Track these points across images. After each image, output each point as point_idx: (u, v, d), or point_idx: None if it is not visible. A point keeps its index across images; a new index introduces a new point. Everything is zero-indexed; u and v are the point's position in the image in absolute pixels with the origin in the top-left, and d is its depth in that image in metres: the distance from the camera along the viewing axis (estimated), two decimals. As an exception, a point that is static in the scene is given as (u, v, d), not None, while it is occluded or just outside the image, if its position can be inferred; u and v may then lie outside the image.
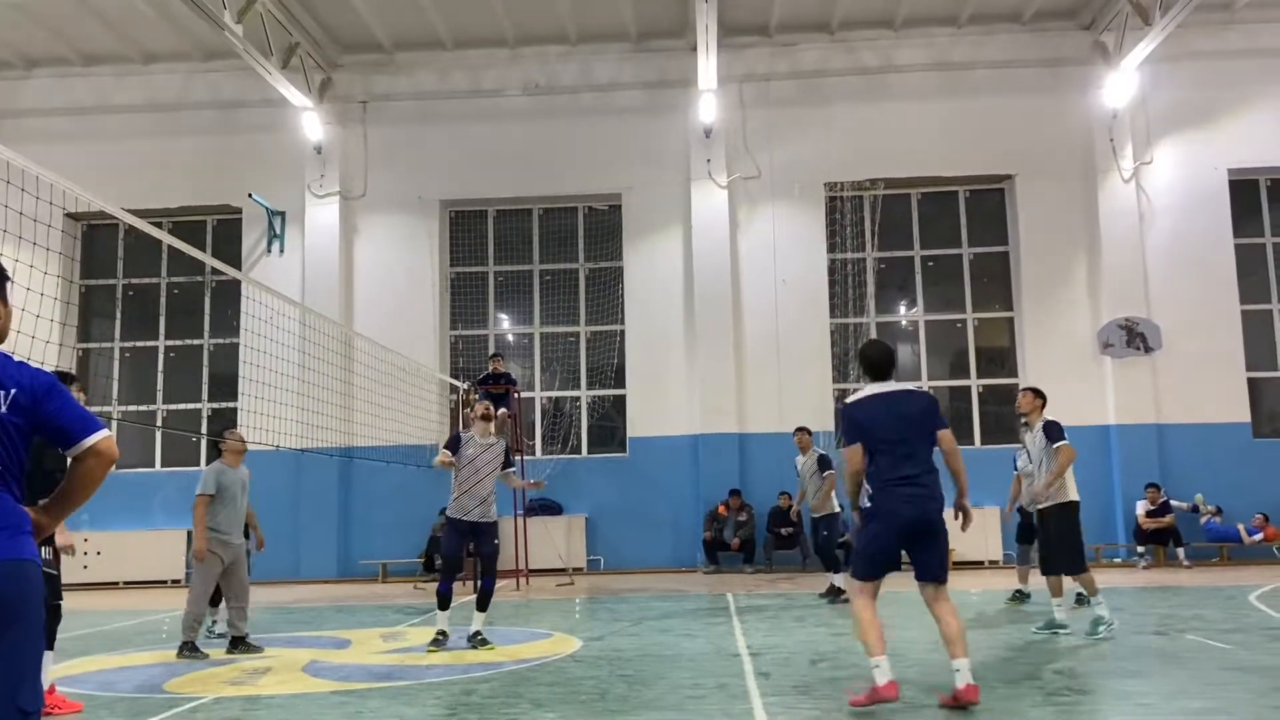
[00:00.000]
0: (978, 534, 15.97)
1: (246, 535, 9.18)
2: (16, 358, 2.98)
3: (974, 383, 17.39)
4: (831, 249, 17.34)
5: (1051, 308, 16.94)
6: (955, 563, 15.65)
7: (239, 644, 8.67)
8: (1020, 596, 10.80)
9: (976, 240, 17.69)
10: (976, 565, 15.83)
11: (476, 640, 8.39)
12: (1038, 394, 8.92)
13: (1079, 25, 17.21)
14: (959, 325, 17.64)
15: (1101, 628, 8.10)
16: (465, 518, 8.42)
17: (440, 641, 8.35)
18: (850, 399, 6.00)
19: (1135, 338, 16.43)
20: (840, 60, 17.45)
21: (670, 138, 17.41)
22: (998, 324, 17.64)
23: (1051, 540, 8.54)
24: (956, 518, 6.10)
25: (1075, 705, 5.73)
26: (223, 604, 9.13)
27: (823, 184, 17.33)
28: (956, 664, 5.55)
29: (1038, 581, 9.94)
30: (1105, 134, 16.79)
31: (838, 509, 11.48)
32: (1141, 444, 16.12)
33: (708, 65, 15.80)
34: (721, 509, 16.11)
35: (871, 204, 17.42)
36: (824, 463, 11.62)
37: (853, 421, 5.82)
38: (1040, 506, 8.56)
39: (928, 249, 17.75)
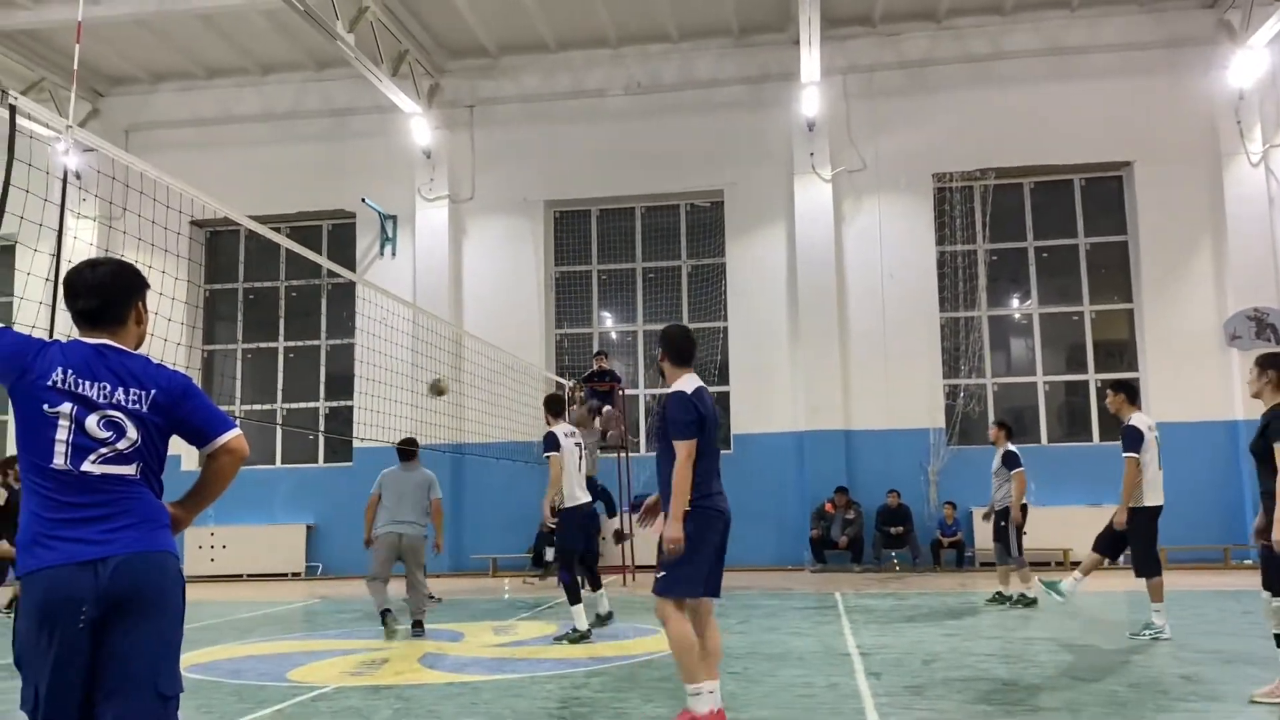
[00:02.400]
0: (1096, 533, 15.49)
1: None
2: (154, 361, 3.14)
3: (1091, 377, 16.81)
4: (940, 241, 16.97)
5: (1174, 298, 16.25)
6: (1074, 563, 15.18)
7: (416, 626, 9.34)
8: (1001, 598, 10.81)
9: (1093, 230, 17.08)
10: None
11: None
12: (1119, 389, 8.73)
13: (1201, 4, 16.45)
14: (1075, 318, 17.07)
15: (1147, 632, 7.98)
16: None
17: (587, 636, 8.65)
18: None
19: (1265, 329, 15.64)
20: (947, 48, 17.05)
21: (773, 132, 17.28)
22: (1116, 316, 17.01)
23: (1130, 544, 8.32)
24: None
25: (1204, 712, 5.50)
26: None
27: (930, 175, 16.97)
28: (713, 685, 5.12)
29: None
30: (1231, 116, 16.02)
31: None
32: (1274, 440, 15.33)
33: (810, 58, 15.62)
34: (828, 506, 15.93)
35: (982, 194, 16.99)
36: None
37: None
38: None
39: (1042, 240, 17.22)
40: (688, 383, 5.38)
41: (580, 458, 9.10)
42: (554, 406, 9.45)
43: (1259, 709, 5.61)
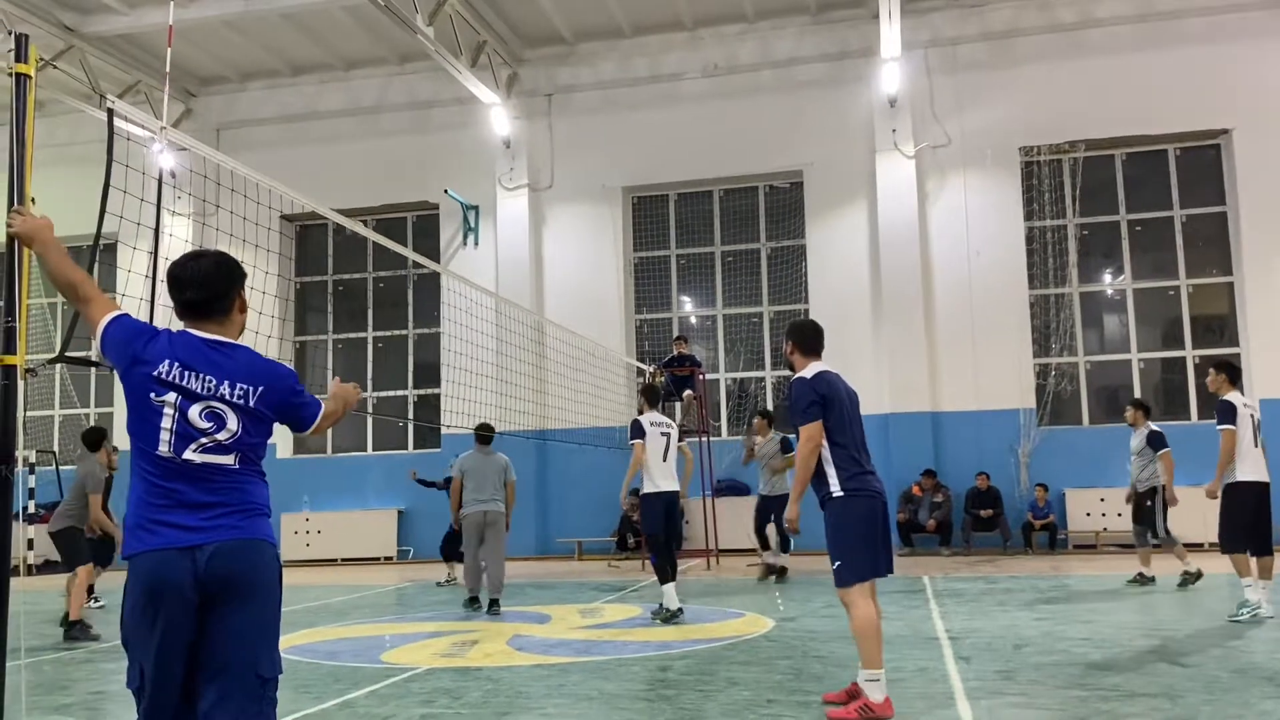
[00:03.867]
0: (1195, 514, 15.02)
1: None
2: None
3: (1189, 353, 16.24)
4: (1029, 217, 16.55)
5: (1277, 270, 15.58)
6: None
7: (492, 605, 9.92)
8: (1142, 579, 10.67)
9: (1189, 201, 16.47)
10: (1196, 547, 14.81)
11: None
12: (1220, 368, 8.66)
13: (1306, -41, 15.71)
14: (1171, 293, 16.50)
15: (1244, 611, 7.87)
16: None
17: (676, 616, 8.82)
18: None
19: (1378, 300, 14.91)
20: (1033, 18, 16.57)
21: (853, 110, 17.02)
22: (1215, 290, 16.40)
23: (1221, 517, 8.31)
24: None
25: (1313, 699, 5.30)
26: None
27: (1017, 149, 16.54)
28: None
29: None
30: (1340, 77, 15.29)
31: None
32: (1388, 416, 14.64)
33: (891, 33, 15.33)
34: (915, 489, 15.71)
35: (1071, 167, 16.50)
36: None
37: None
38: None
39: (1135, 213, 16.67)
40: (810, 369, 5.49)
41: (667, 447, 9.14)
42: (649, 395, 9.65)
43: (1372, 696, 5.39)
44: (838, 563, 5.20)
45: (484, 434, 10.45)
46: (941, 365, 16.26)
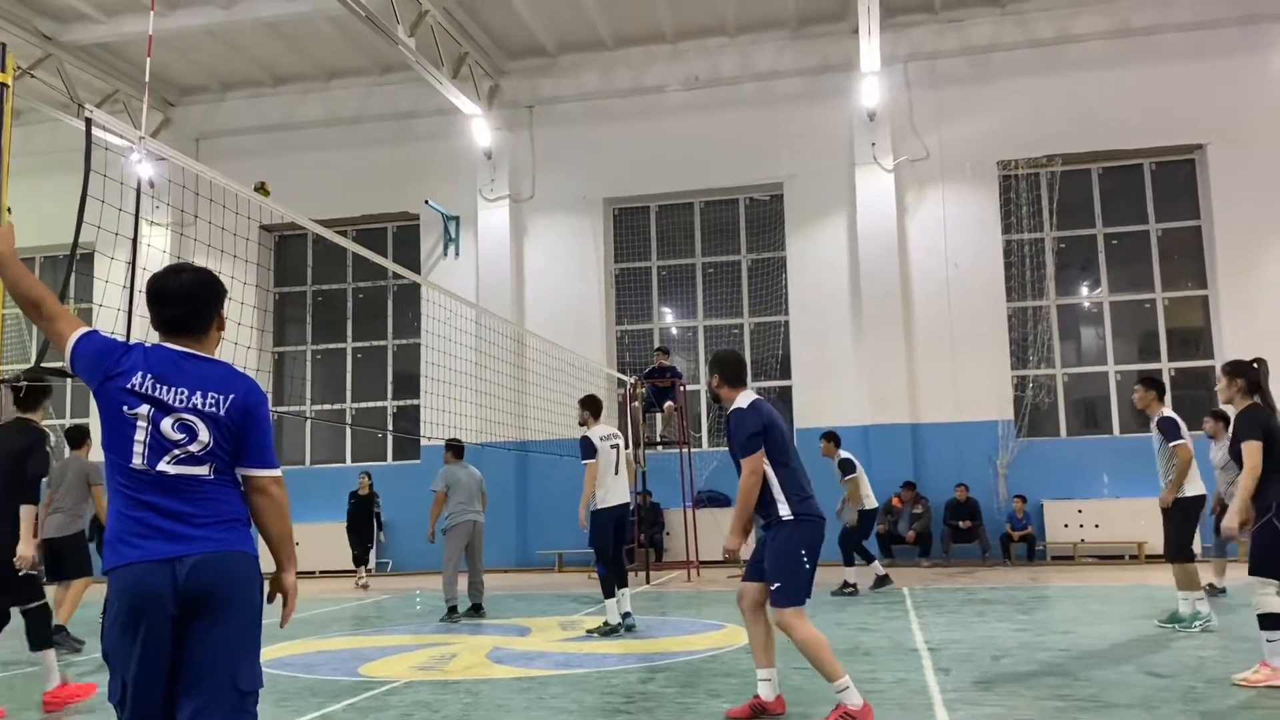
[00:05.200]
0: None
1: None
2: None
3: (1165, 366, 16.39)
4: (1006, 230, 16.68)
5: (1251, 284, 15.75)
6: (1149, 556, 14.84)
7: (476, 610, 10.39)
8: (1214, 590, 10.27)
9: (1165, 215, 16.64)
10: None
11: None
12: (1150, 385, 8.66)
13: (1278, -22, 15.93)
14: (1147, 305, 16.65)
15: (1197, 623, 7.88)
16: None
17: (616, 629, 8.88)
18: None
19: (1350, 313, 15.10)
20: (1012, 33, 16.73)
21: (833, 123, 17.12)
22: (1190, 303, 16.56)
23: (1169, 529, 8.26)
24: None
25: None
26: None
27: (995, 162, 16.68)
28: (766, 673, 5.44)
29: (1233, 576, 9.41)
30: (1311, 93, 15.50)
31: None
32: (1360, 429, 14.80)
33: (870, 47, 15.45)
34: (895, 501, 15.76)
35: (1049, 181, 16.65)
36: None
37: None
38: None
39: (1111, 226, 16.82)
40: (743, 398, 5.57)
41: (618, 459, 9.13)
42: (594, 406, 9.40)
43: (1345, 706, 5.44)
44: (777, 584, 5.23)
45: (460, 446, 10.76)
46: (921, 377, 16.34)
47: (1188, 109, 16.00)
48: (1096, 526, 15.33)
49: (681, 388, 15.36)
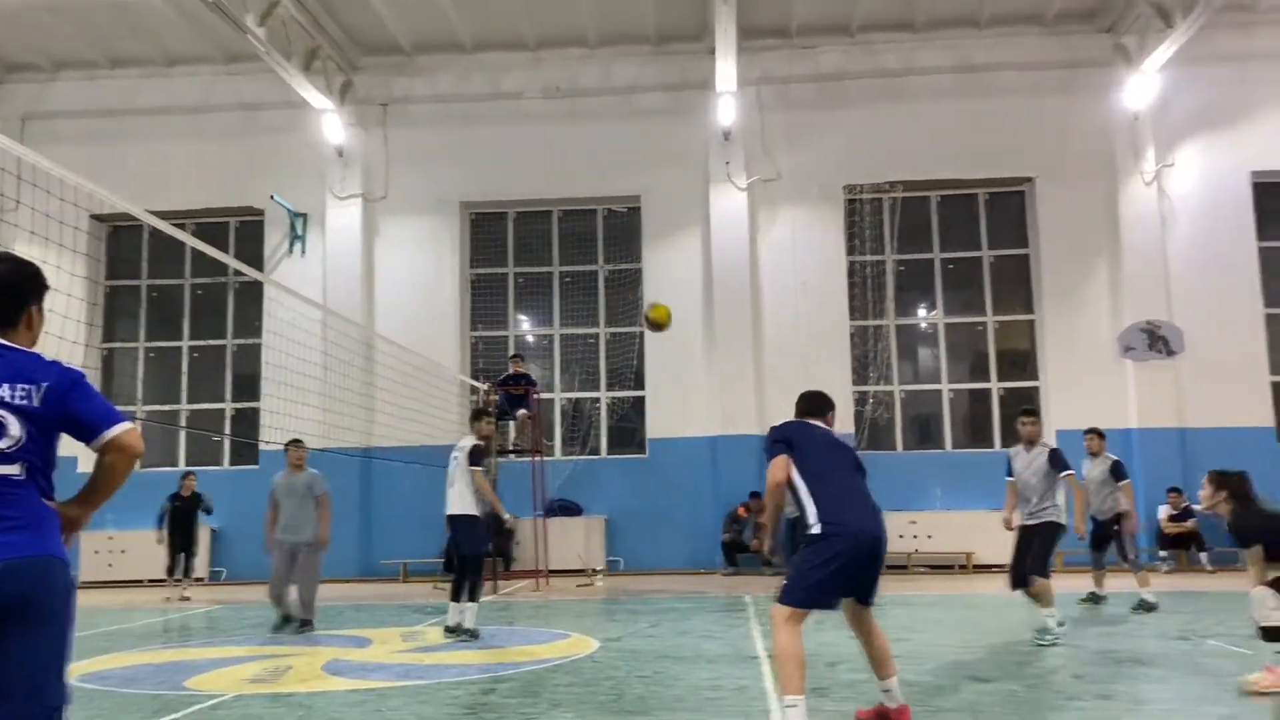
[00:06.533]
0: (998, 537, 15.93)
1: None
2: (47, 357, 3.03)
3: (994, 386, 17.31)
4: (851, 251, 17.31)
5: (1072, 310, 16.84)
6: (976, 566, 15.61)
7: (303, 625, 9.82)
8: (1094, 599, 10.90)
9: (996, 243, 17.62)
10: (998, 569, 15.73)
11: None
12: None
13: (1099, 28, 17.10)
14: (979, 328, 17.57)
15: (1048, 638, 8.05)
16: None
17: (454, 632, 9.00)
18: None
19: (1157, 341, 16.31)
20: (860, 62, 17.40)
21: (689, 140, 17.41)
22: (1018, 327, 17.55)
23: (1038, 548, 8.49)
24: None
25: (1094, 710, 5.71)
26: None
27: (842, 186, 17.30)
28: (887, 684, 5.31)
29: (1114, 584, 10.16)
30: (1127, 136, 16.70)
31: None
32: (1164, 448, 16.00)
33: (726, 68, 15.80)
34: (741, 510, 16.09)
35: (891, 206, 17.37)
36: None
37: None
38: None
39: (948, 251, 17.69)
40: (790, 419, 5.78)
41: (454, 469, 9.32)
42: (473, 418, 9.83)
43: (1152, 707, 5.85)
44: (785, 582, 5.21)
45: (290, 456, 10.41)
46: (769, 390, 16.73)
47: (1018, 144, 16.99)
48: (929, 537, 16.02)
49: (536, 395, 15.29)
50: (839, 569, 5.06)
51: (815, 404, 5.90)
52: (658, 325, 11.51)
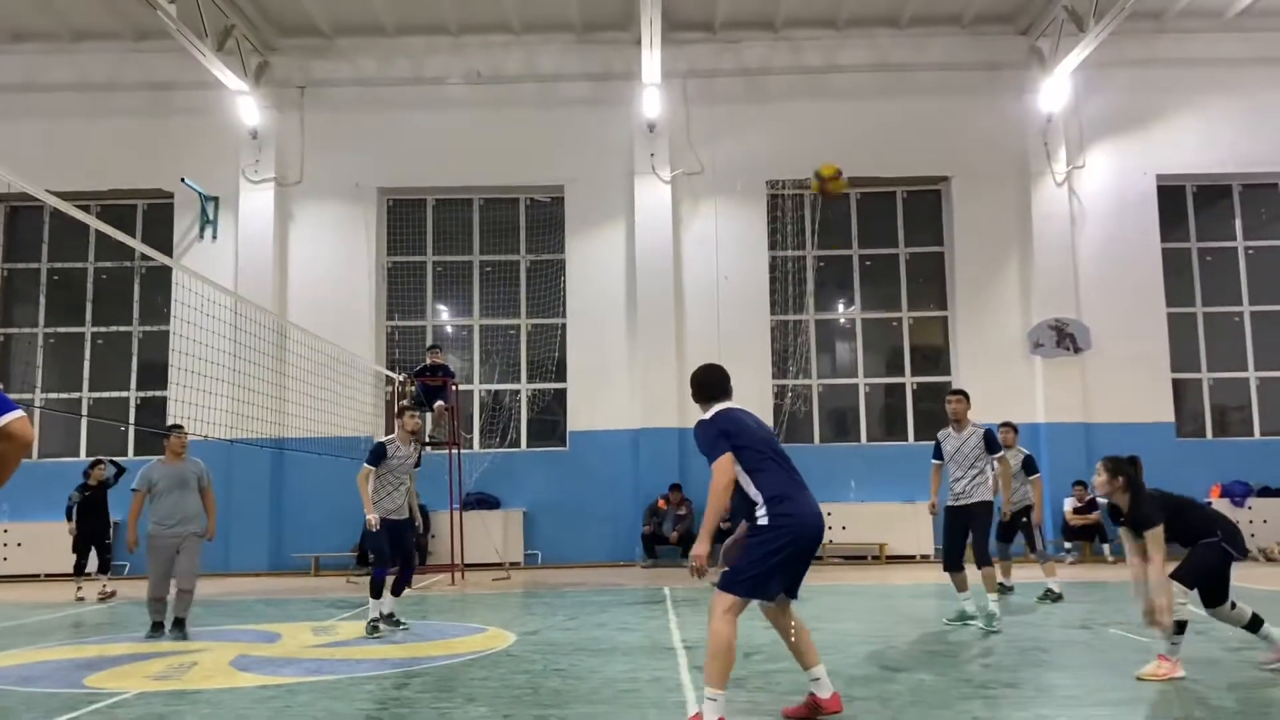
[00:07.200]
0: (910, 528, 16.28)
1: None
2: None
3: (908, 380, 17.64)
4: (772, 246, 17.46)
5: (984, 308, 17.24)
6: (889, 556, 15.90)
7: (178, 624, 8.97)
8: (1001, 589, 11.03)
9: (913, 240, 17.93)
10: (909, 559, 16.06)
11: (391, 621, 8.98)
12: (968, 396, 9.23)
13: (1016, 30, 17.51)
14: (895, 324, 17.87)
15: (995, 623, 8.31)
16: (389, 517, 8.91)
17: (377, 628, 8.72)
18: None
19: (1065, 338, 16.79)
20: (783, 58, 17.54)
21: (614, 131, 17.36)
22: (932, 323, 17.90)
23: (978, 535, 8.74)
24: None
25: (1001, 697, 5.84)
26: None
27: (764, 181, 17.43)
28: (815, 672, 5.31)
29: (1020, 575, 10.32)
30: (1040, 138, 17.14)
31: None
32: (1069, 442, 16.48)
33: (651, 59, 15.79)
34: (661, 503, 16.13)
35: (812, 202, 17.55)
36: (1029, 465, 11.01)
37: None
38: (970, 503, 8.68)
39: (866, 248, 17.95)
40: (712, 409, 5.45)
41: None
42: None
43: (1056, 694, 5.99)
44: (727, 569, 5.19)
45: (171, 444, 9.43)
46: (689, 383, 16.74)
47: (936, 144, 17.32)
48: (844, 529, 16.26)
49: (454, 387, 15.10)
50: (786, 559, 5.03)
51: (727, 383, 5.66)
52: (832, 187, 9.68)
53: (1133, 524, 6.50)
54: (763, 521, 5.07)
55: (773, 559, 5.00)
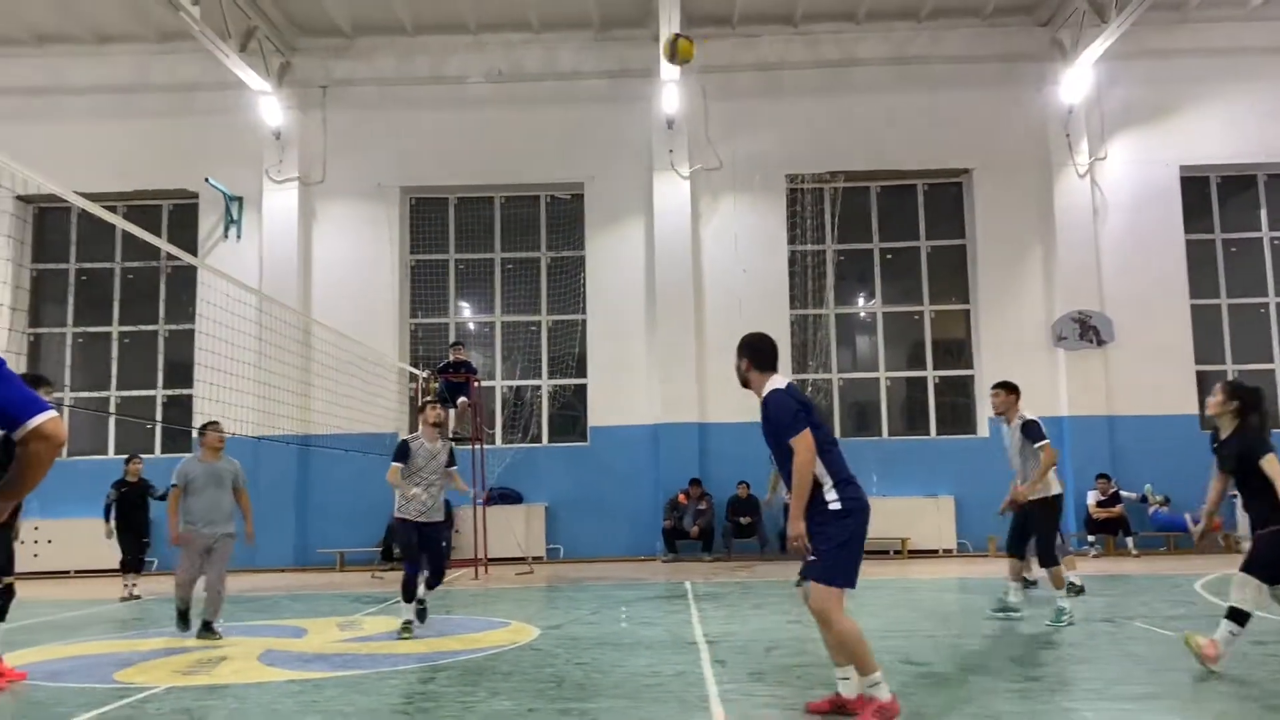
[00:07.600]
0: (932, 522, 16.27)
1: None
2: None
3: (930, 374, 17.58)
4: (792, 241, 17.45)
5: (1006, 300, 17.16)
6: (911, 551, 15.89)
7: (206, 627, 8.70)
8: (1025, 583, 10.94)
9: (934, 233, 17.87)
10: (931, 554, 16.04)
11: (420, 610, 8.90)
12: (1011, 389, 8.81)
13: (1037, 22, 17.41)
14: (916, 317, 17.82)
15: (1064, 618, 8.17)
16: (414, 519, 8.68)
17: (409, 628, 8.58)
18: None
19: (1088, 330, 16.70)
20: (802, 53, 17.51)
21: (633, 128, 17.39)
22: (954, 316, 17.84)
23: (1032, 531, 8.63)
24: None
25: (1025, 691, 5.85)
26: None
27: (784, 176, 17.41)
28: (845, 671, 5.19)
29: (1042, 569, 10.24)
30: (1061, 129, 17.04)
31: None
32: (1093, 435, 16.40)
33: (670, 55, 15.78)
34: (681, 497, 16.18)
35: (831, 196, 17.53)
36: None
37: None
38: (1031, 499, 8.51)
39: (886, 241, 17.91)
40: (778, 380, 5.34)
41: None
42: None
43: (1077, 688, 6.00)
44: (825, 564, 5.00)
45: (208, 440, 9.24)
46: (709, 378, 16.82)
47: (956, 136, 17.25)
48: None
49: (476, 383, 15.20)
50: (861, 544, 4.97)
51: (775, 355, 5.51)
52: (681, 56, 10.38)
53: (1236, 452, 6.10)
54: (834, 506, 4.96)
55: (856, 544, 4.95)
